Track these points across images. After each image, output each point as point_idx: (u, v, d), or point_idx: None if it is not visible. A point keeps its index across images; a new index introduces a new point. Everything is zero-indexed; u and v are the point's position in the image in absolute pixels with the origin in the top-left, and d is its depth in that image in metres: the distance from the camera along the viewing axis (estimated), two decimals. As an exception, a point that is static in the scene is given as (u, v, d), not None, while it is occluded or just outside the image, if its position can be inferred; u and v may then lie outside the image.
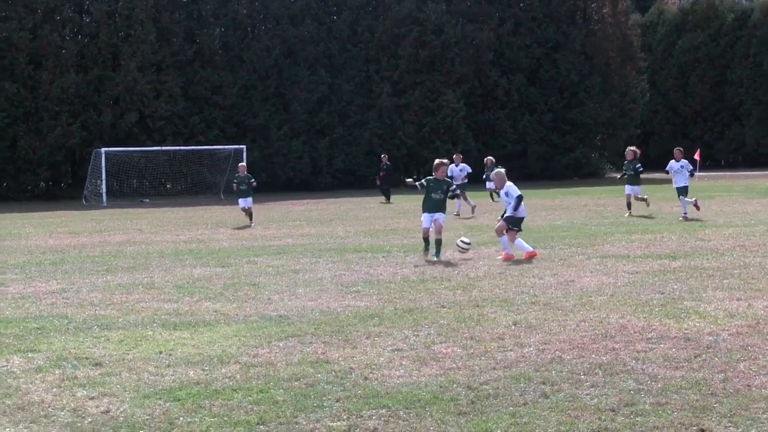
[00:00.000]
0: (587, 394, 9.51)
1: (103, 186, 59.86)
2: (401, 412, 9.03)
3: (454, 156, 42.20)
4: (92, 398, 9.79)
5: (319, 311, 14.83)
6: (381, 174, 51.78)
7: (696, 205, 30.84)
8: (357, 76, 73.54)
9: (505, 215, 22.13)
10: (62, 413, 9.26)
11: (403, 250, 23.47)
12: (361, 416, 8.93)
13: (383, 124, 73.27)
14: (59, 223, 39.09)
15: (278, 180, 69.34)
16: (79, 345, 12.57)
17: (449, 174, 34.64)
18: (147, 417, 9.04)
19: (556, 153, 78.50)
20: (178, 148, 64.49)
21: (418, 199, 25.14)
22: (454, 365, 10.86)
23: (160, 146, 64.82)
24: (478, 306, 14.86)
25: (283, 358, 11.44)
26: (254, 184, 36.13)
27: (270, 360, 11.33)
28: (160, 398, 9.71)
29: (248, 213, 35.52)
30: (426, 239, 22.25)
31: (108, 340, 12.90)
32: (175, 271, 20.70)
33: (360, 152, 72.51)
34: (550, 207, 39.50)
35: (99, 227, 35.99)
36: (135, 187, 68.10)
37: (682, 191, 31.14)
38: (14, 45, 64.55)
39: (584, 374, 10.30)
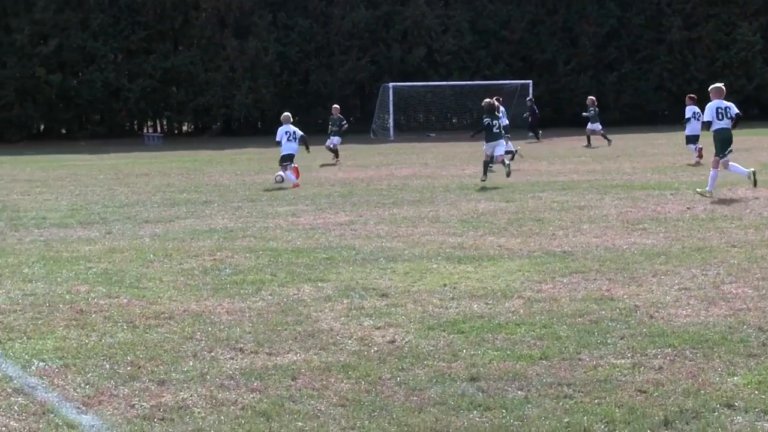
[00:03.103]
0: None
1: (391, 120, 60.69)
2: (687, 352, 8.84)
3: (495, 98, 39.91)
4: (378, 328, 10.00)
5: (604, 248, 14.67)
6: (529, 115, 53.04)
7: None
8: (647, 9, 71.62)
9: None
10: (349, 341, 9.50)
11: (692, 188, 22.90)
12: (646, 355, 8.80)
13: (674, 59, 71.31)
14: (348, 156, 39.97)
15: (564, 115, 68.70)
16: (366, 276, 12.86)
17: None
18: (431, 348, 9.17)
19: None
20: (464, 82, 64.77)
21: (704, 136, 24.67)
22: (744, 306, 10.55)
23: (447, 81, 65.24)
24: (770, 246, 14.39)
25: (566, 294, 11.39)
26: (345, 126, 38.71)
27: (553, 295, 11.30)
28: (444, 330, 9.83)
29: (333, 151, 37.48)
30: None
31: (394, 271, 13.14)
32: (460, 206, 20.87)
33: (649, 87, 70.89)
34: None
35: (386, 161, 36.65)
36: (421, 121, 68.89)
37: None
38: (309, -19, 66.23)
39: None
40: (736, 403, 7.42)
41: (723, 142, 21.89)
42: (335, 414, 7.39)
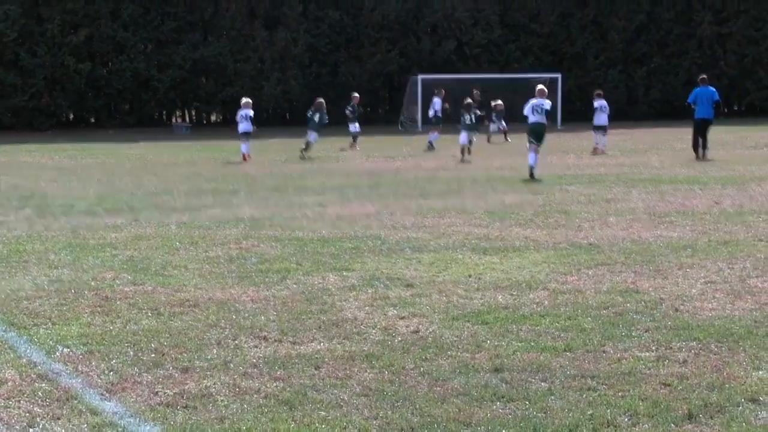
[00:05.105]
0: None
1: (419, 112, 60.60)
2: (713, 346, 8.80)
3: (435, 90, 43.44)
4: (402, 318, 9.99)
5: (630, 240, 14.63)
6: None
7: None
8: (677, 3, 71.21)
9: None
10: (373, 331, 9.49)
11: (720, 182, 22.80)
12: (671, 348, 8.76)
13: (703, 54, 70.91)
14: (375, 147, 40.01)
15: (593, 109, 68.30)
16: (391, 266, 12.85)
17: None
18: (455, 338, 9.16)
19: None
20: (493, 75, 64.53)
21: (736, 132, 24.51)
22: (770, 300, 10.50)
23: (476, 74, 65.04)
24: (798, 241, 14.30)
25: (592, 286, 11.36)
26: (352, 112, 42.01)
27: (579, 287, 11.27)
28: (468, 321, 9.81)
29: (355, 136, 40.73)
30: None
31: (419, 262, 13.13)
32: (487, 197, 20.86)
33: (678, 82, 70.45)
34: None
35: (414, 152, 36.66)
36: (450, 113, 68.69)
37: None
38: (339, -28, 66.19)
39: None
40: (760, 398, 7.38)
41: (534, 133, 25.61)
42: (358, 403, 7.38)
